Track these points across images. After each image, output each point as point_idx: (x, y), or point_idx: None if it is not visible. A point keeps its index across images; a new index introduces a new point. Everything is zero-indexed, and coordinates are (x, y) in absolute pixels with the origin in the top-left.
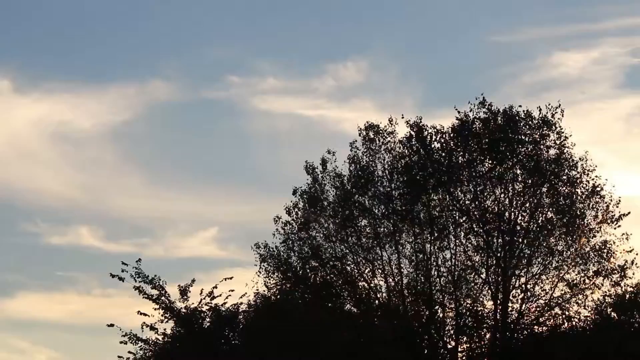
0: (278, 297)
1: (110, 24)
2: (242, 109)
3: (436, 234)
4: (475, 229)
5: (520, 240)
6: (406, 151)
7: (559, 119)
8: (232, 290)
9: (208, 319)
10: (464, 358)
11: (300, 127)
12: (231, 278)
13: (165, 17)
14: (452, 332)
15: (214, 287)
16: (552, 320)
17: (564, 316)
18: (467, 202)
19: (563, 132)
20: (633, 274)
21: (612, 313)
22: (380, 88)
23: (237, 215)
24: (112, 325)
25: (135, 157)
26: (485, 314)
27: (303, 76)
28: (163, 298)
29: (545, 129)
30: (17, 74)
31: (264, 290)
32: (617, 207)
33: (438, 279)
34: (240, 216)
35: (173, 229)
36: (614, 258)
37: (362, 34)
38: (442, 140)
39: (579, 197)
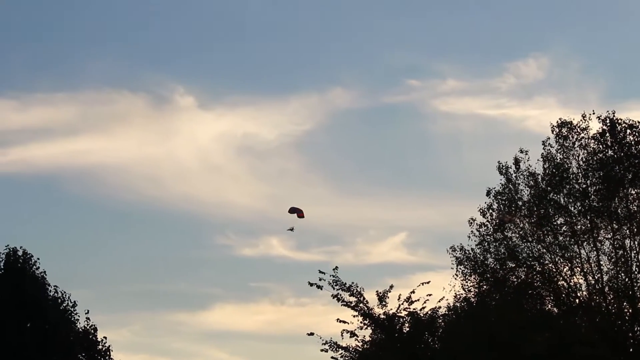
0: (476, 299)
1: (288, 36)
2: (424, 112)
3: (636, 229)
4: None
5: None
6: (600, 146)
7: None
8: (430, 295)
9: (407, 324)
10: None
11: (483, 127)
12: (428, 282)
13: (343, 25)
14: None
15: (411, 292)
16: None
17: None
18: None
19: None
20: None
21: None
22: (562, 84)
23: (424, 219)
24: (312, 334)
25: (320, 166)
26: None
27: (483, 76)
28: (361, 305)
29: None
30: (200, 90)
31: (462, 293)
32: None
33: None
34: (428, 220)
35: (362, 235)
36: None
37: (541, 30)
38: (637, 134)
39: None
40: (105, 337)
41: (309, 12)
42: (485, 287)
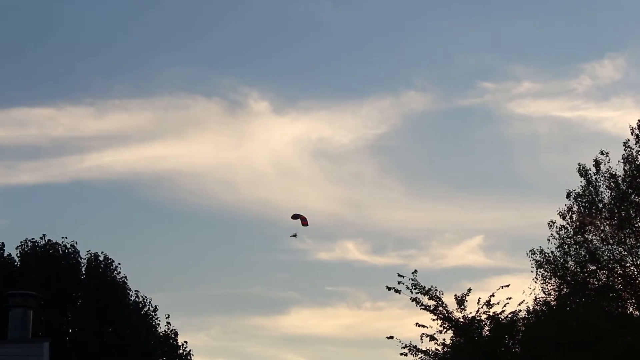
0: (556, 302)
1: (361, 39)
2: (499, 115)
3: None
4: None
5: None
6: None
7: None
8: (510, 298)
9: (487, 328)
10: None
11: (559, 130)
12: (508, 286)
13: (416, 28)
14: None
15: (491, 296)
16: None
17: None
18: None
19: None
20: None
21: None
22: (639, 84)
23: (500, 222)
24: (391, 337)
25: (395, 170)
26: None
27: (559, 77)
28: (440, 308)
29: None
30: (274, 95)
31: (543, 297)
32: None
33: None
34: (504, 223)
35: (438, 239)
36: None
37: (617, 30)
38: None
39: None
40: (185, 342)
41: (382, 15)
42: (565, 290)
